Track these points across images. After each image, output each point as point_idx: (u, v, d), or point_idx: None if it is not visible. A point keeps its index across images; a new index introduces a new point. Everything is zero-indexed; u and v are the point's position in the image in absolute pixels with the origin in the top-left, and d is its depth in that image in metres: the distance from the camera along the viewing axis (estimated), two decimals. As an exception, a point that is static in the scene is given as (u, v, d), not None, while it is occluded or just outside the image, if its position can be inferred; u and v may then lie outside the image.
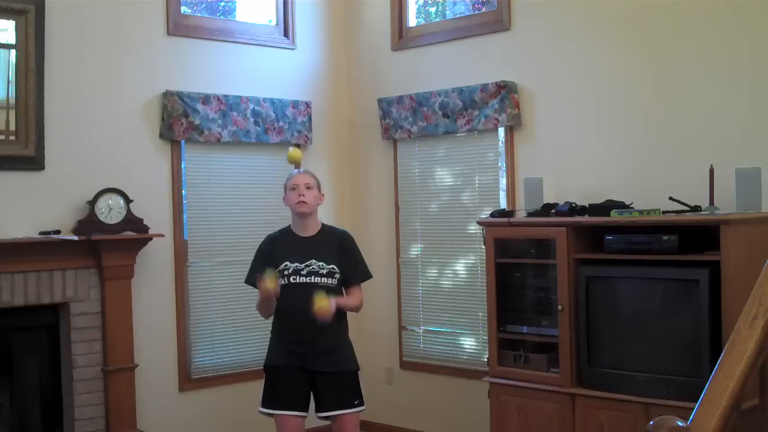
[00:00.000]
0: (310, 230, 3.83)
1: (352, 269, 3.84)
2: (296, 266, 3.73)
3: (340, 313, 3.78)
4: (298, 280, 3.72)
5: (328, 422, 3.85)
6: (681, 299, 3.79)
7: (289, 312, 3.73)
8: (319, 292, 3.58)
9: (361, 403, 3.81)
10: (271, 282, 3.58)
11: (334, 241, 3.83)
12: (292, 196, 3.81)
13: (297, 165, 3.95)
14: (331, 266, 3.74)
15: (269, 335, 3.86)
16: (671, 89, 4.33)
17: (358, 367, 3.88)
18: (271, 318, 3.86)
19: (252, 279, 3.83)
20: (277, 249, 3.80)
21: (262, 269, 3.72)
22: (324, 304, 3.54)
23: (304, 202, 3.77)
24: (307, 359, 3.72)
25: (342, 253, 3.81)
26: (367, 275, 3.93)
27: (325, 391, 3.74)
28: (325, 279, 3.72)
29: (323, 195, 3.91)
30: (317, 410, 3.79)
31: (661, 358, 3.81)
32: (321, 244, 3.79)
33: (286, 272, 3.72)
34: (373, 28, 5.77)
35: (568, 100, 4.74)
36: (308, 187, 3.80)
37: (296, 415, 3.73)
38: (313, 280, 3.71)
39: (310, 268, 3.72)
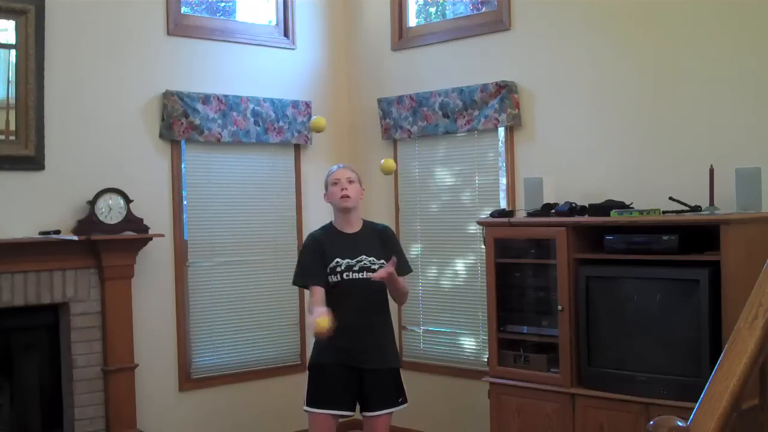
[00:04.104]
0: (355, 226, 3.78)
1: (397, 263, 3.74)
2: (348, 262, 3.66)
3: (388, 309, 3.76)
4: (351, 277, 3.66)
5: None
6: (681, 299, 3.79)
7: (344, 308, 3.60)
8: (321, 318, 3.42)
9: (405, 400, 3.78)
10: (323, 323, 3.37)
11: (377, 235, 3.79)
12: (334, 191, 3.74)
13: (319, 130, 3.88)
14: (381, 261, 3.68)
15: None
16: (671, 89, 4.33)
17: (401, 363, 3.84)
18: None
19: (301, 281, 3.77)
20: (325, 246, 3.72)
21: (314, 267, 3.67)
22: (324, 325, 3.39)
23: (347, 196, 3.71)
24: (357, 356, 3.65)
25: (385, 248, 3.75)
26: (409, 269, 3.88)
27: (372, 391, 3.69)
28: None
29: (364, 189, 3.87)
30: (363, 410, 3.73)
31: (661, 358, 3.81)
32: (367, 240, 3.75)
33: (338, 269, 3.66)
34: (373, 28, 5.77)
35: (568, 100, 4.74)
36: (350, 181, 3.75)
37: (340, 414, 3.67)
38: (365, 276, 3.65)
39: (362, 263, 3.67)
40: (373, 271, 3.66)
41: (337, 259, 3.68)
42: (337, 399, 3.66)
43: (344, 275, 3.66)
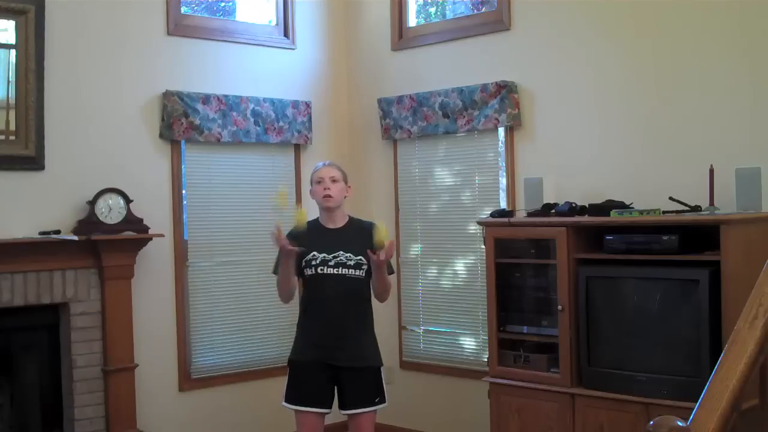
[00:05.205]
0: (338, 222, 3.81)
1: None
2: (324, 257, 3.68)
3: (367, 307, 3.76)
4: (325, 271, 3.68)
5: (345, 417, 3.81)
6: (681, 299, 3.79)
7: (317, 303, 3.68)
8: (378, 226, 3.58)
9: (383, 400, 3.76)
10: (282, 195, 3.56)
11: (362, 233, 3.78)
12: (318, 189, 3.79)
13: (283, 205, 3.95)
14: (359, 257, 3.70)
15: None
16: (671, 89, 4.33)
17: (382, 363, 3.83)
18: (297, 313, 3.80)
19: (278, 269, 3.76)
20: (306, 239, 3.72)
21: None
22: (383, 236, 3.55)
23: (330, 196, 3.75)
24: (333, 354, 3.66)
25: (371, 246, 3.72)
26: (391, 269, 3.87)
27: (349, 388, 3.69)
28: (353, 270, 3.69)
29: (350, 187, 3.89)
30: (341, 407, 3.74)
31: (661, 358, 3.82)
32: (349, 236, 3.76)
33: (314, 263, 3.68)
34: (373, 28, 5.77)
35: (568, 100, 4.74)
36: (334, 180, 3.78)
37: (318, 412, 3.69)
38: (341, 272, 3.68)
39: (338, 259, 3.69)
40: (349, 267, 3.68)
41: (314, 253, 3.70)
42: (313, 396, 3.68)
43: (319, 269, 3.68)
